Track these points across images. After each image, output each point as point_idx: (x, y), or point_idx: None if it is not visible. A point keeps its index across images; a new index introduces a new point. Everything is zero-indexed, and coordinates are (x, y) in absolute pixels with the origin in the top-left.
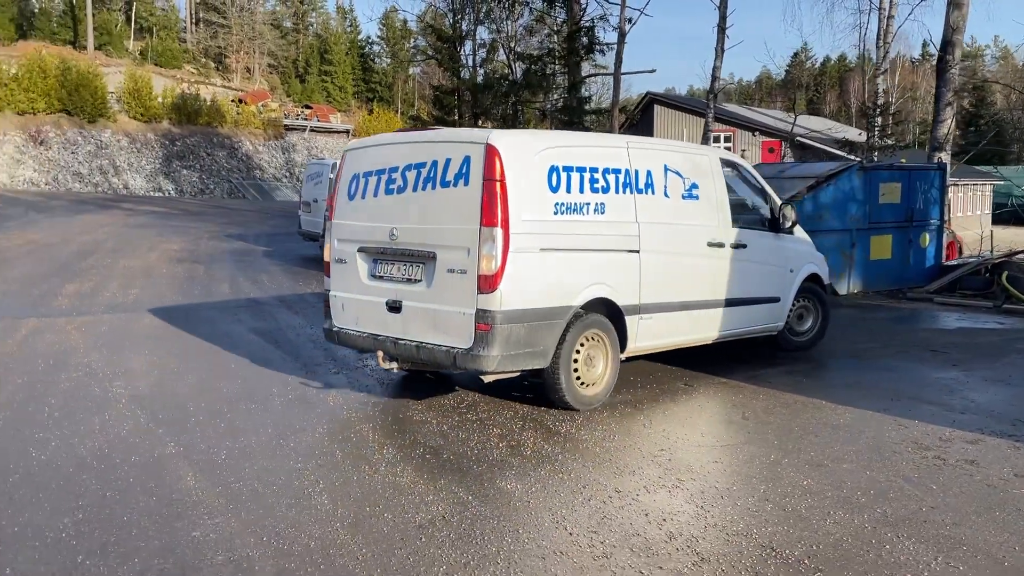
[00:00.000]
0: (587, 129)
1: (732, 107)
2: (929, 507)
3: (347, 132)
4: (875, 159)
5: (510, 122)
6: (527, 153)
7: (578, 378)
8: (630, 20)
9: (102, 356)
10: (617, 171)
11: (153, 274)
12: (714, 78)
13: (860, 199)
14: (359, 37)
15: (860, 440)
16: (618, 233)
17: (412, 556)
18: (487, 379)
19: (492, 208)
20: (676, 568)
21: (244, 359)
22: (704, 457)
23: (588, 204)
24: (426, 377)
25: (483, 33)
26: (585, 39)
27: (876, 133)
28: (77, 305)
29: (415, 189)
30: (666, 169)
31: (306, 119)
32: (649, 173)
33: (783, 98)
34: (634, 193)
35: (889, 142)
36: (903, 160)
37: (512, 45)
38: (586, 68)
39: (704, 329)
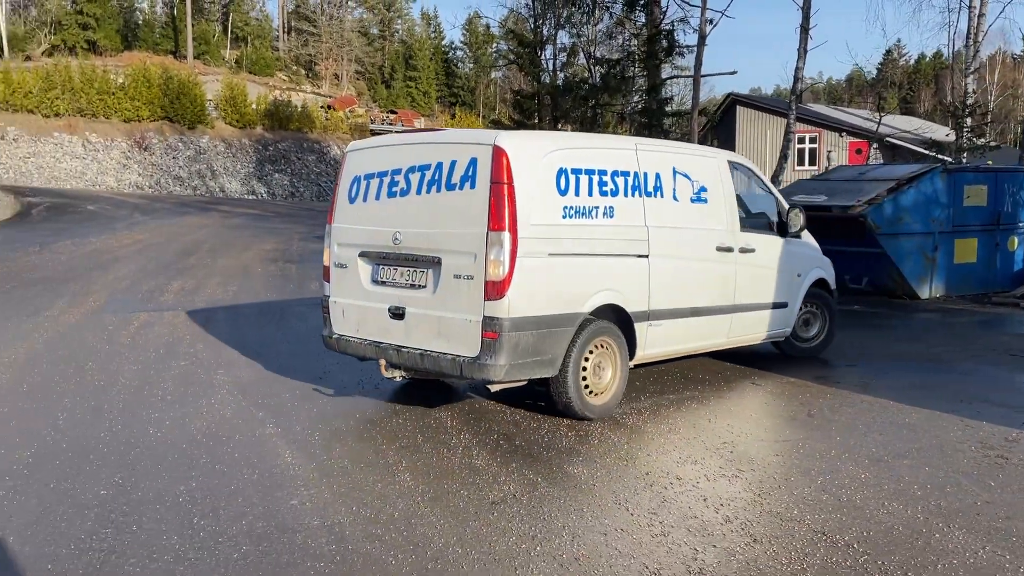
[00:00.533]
0: (667, 132)
1: (818, 107)
2: (984, 501)
3: None
4: (963, 160)
5: (588, 125)
6: (535, 155)
7: (586, 387)
8: (710, 22)
9: (206, 346)
10: (626, 174)
11: (250, 272)
12: (796, 79)
13: (943, 202)
14: (443, 43)
15: (923, 439)
16: (627, 237)
17: (485, 528)
18: (493, 388)
19: (500, 212)
20: (728, 547)
21: (333, 351)
22: (766, 450)
23: (597, 208)
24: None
25: (563, 37)
26: (665, 42)
27: (964, 134)
28: (182, 300)
29: (419, 192)
30: (675, 172)
31: (391, 124)
32: (658, 176)
33: (874, 97)
34: (643, 196)
35: (979, 143)
36: (990, 162)
37: (592, 49)
38: (666, 71)
39: (713, 335)
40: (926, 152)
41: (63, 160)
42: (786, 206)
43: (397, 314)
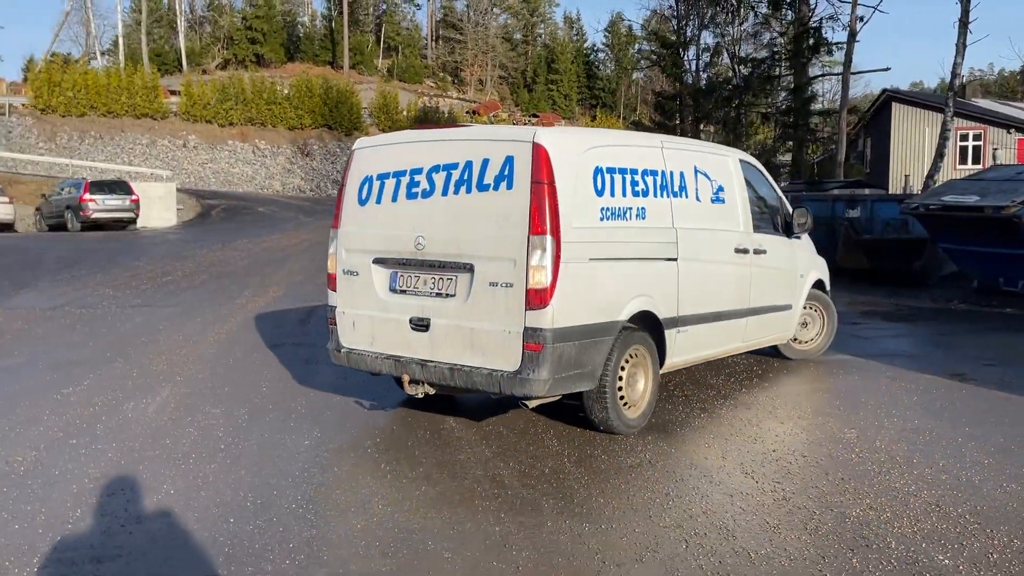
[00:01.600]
0: (813, 131)
1: (984, 102)
2: None
3: None
4: None
5: (732, 126)
6: (574, 153)
7: (621, 398)
8: (861, 18)
9: None
10: (654, 172)
11: None
12: (954, 75)
13: None
14: (584, 45)
15: None
16: (659, 240)
17: (624, 484)
18: (532, 404)
19: (542, 214)
20: (843, 512)
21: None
22: (893, 437)
23: (631, 209)
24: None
25: (706, 38)
26: (812, 40)
27: None
28: None
29: (445, 193)
30: (696, 171)
31: (533, 127)
32: (682, 175)
33: None
34: (670, 196)
35: None
36: None
37: (735, 49)
38: (813, 69)
39: (731, 340)
40: None
41: (236, 166)
42: (790, 208)
43: (421, 325)
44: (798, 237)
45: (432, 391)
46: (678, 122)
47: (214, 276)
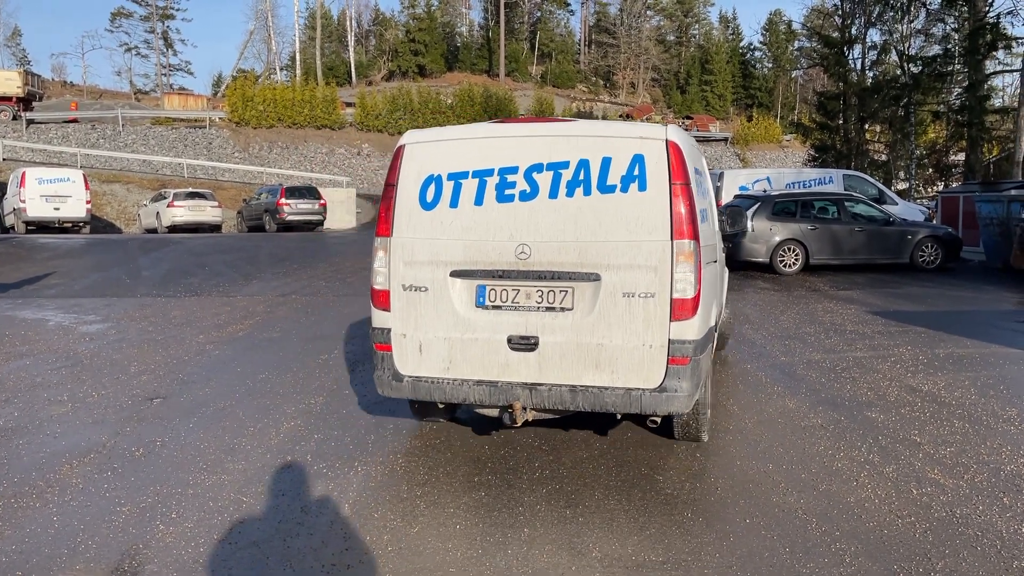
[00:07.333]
0: (988, 130)
1: None
2: None
3: (725, 140)
4: None
5: (899, 125)
6: (690, 152)
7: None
8: None
9: None
10: (703, 174)
11: None
12: None
13: None
14: (740, 44)
15: None
16: (714, 243)
17: (799, 440)
18: (658, 421)
19: (684, 217)
20: (969, 486)
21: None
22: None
23: (705, 210)
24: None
25: (873, 35)
26: (989, 35)
27: None
28: None
29: (554, 195)
30: (699, 172)
31: (686, 129)
32: (705, 175)
33: None
34: (709, 198)
35: None
36: None
37: (904, 46)
38: (989, 66)
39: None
40: None
41: None
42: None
43: (525, 345)
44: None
45: (533, 417)
46: (841, 122)
47: None
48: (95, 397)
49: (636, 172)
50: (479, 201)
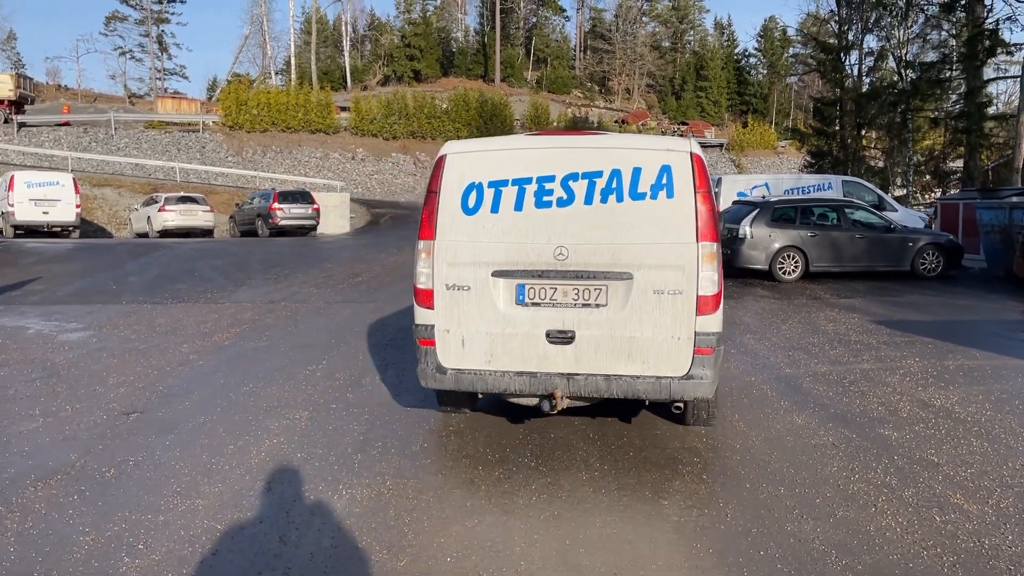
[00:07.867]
0: (987, 136)
1: None
2: None
3: (720, 146)
4: None
5: (896, 131)
6: (708, 163)
7: None
8: None
9: None
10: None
11: None
12: None
13: None
14: (735, 51)
15: None
16: None
17: (810, 461)
18: (682, 407)
19: (708, 222)
20: (995, 512)
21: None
22: None
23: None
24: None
25: (870, 41)
26: (988, 41)
27: None
28: None
29: (588, 202)
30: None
31: (681, 135)
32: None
33: None
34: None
35: None
36: None
37: (902, 53)
38: (987, 72)
39: None
40: None
41: (398, 177)
42: None
43: (562, 338)
44: None
45: (567, 404)
46: (837, 128)
47: (399, 277)
48: (68, 411)
49: (664, 181)
50: (519, 207)
